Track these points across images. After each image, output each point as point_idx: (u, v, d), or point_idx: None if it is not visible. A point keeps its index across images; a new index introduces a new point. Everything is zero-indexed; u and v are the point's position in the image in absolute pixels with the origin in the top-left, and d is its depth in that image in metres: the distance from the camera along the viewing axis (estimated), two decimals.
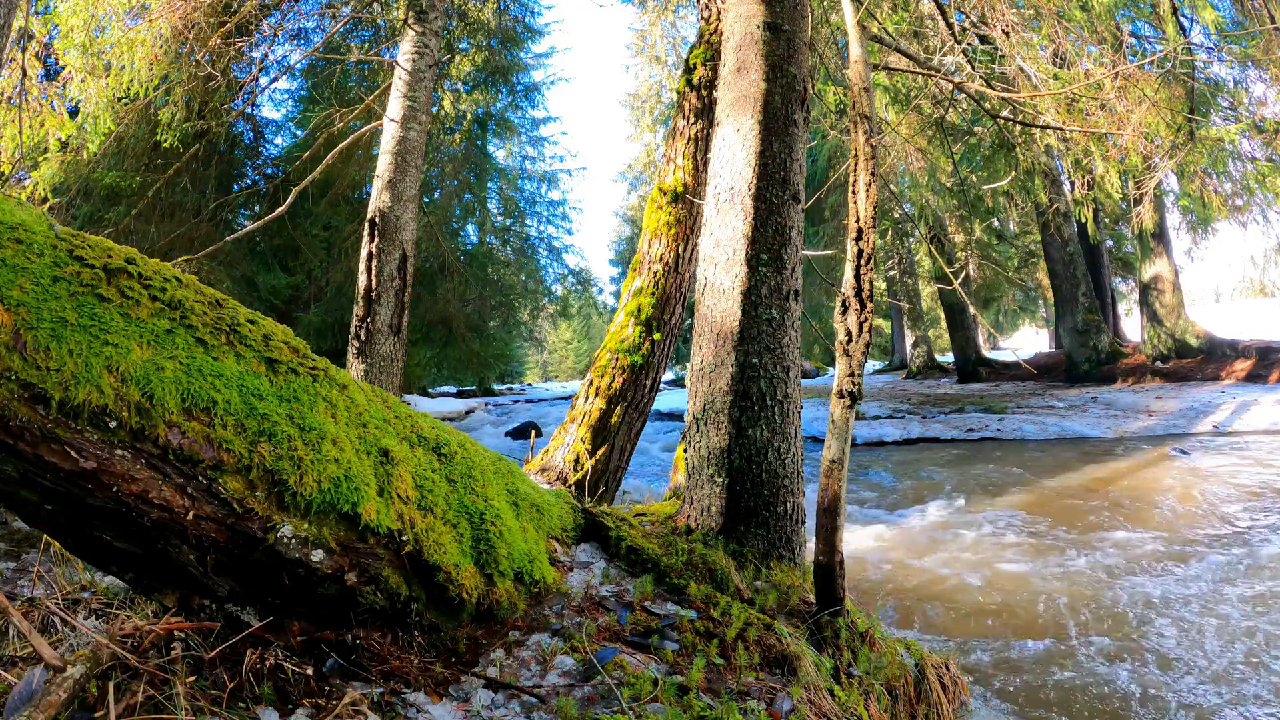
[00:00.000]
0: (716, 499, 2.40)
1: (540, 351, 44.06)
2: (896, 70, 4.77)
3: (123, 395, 1.12)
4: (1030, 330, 32.05)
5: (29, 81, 4.98)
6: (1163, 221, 12.77)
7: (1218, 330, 13.89)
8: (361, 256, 4.66)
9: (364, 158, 12.43)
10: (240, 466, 1.25)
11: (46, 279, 1.11)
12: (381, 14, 8.16)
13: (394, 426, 1.63)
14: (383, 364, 4.58)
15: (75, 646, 1.38)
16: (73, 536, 1.24)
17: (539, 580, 1.81)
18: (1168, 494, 5.29)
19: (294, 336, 1.50)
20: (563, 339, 48.72)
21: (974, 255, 15.47)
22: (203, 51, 5.15)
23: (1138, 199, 6.87)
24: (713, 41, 4.04)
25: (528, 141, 21.57)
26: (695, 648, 1.70)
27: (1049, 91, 4.32)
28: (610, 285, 34.40)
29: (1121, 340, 15.23)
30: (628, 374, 3.75)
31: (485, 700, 1.41)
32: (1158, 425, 8.68)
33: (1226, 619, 3.01)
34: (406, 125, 4.90)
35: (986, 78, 4.74)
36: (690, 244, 3.88)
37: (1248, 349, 12.22)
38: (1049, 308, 19.35)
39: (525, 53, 18.07)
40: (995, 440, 8.68)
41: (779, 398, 2.43)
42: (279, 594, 1.38)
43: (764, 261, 2.47)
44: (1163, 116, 4.61)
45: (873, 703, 1.80)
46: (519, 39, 16.94)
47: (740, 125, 2.57)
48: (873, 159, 2.07)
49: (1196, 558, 3.84)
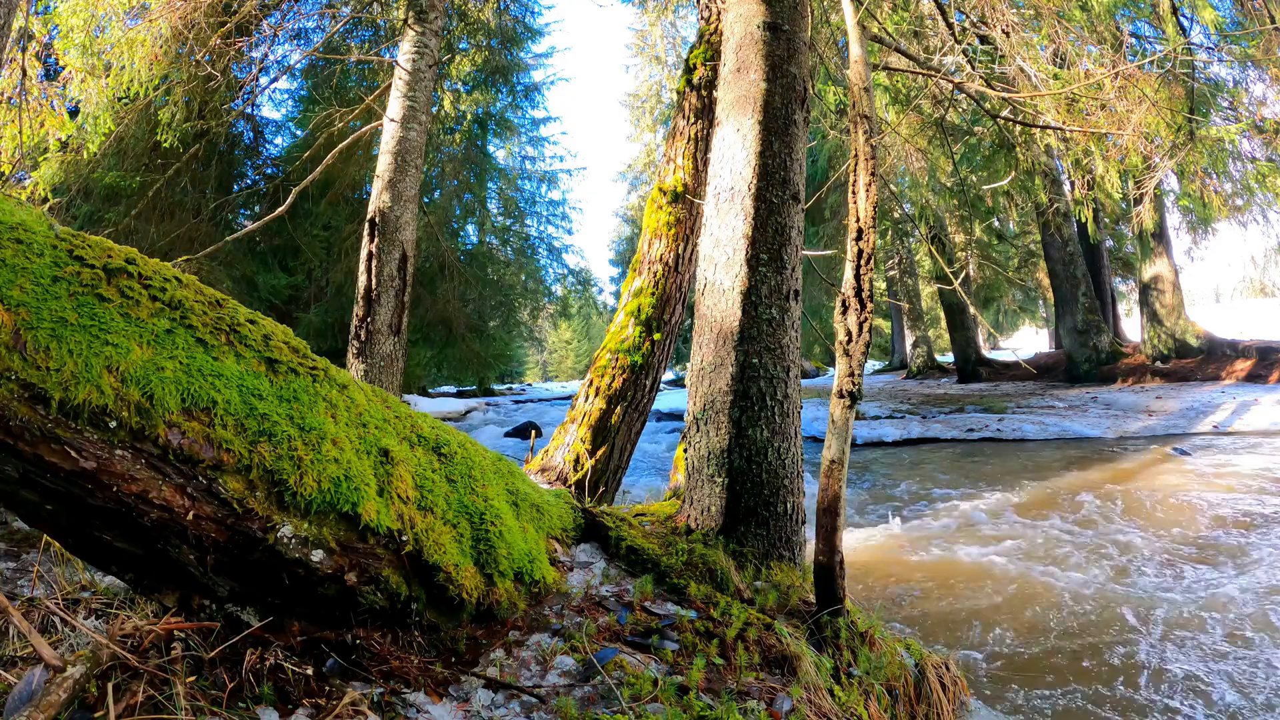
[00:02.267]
0: (716, 499, 2.40)
1: (540, 351, 44.06)
2: (896, 70, 4.77)
3: (123, 395, 1.12)
4: (1030, 330, 32.06)
5: (29, 81, 4.98)
6: (1163, 221, 12.76)
7: (1218, 330, 13.90)
8: (361, 256, 4.66)
9: (364, 158, 12.44)
10: (240, 466, 1.25)
11: (46, 279, 1.11)
12: (381, 14, 8.16)
13: (394, 426, 1.63)
14: (383, 364, 4.58)
15: (75, 646, 1.38)
16: (73, 536, 1.24)
17: (539, 580, 1.81)
18: (1168, 494, 5.29)
19: (294, 336, 1.50)
20: (563, 339, 48.72)
21: (974, 255, 15.47)
22: (203, 51, 5.15)
23: (1138, 199, 6.87)
24: (713, 41, 4.04)
25: (528, 141, 21.58)
26: (695, 648, 1.70)
27: (1049, 91, 4.32)
28: (610, 285, 34.41)
29: (1121, 340, 15.23)
30: (628, 374, 3.75)
31: (485, 700, 1.41)
32: (1158, 425, 8.68)
33: (1227, 619, 3.01)
34: (406, 125, 4.90)
35: (986, 78, 4.74)
36: (690, 244, 3.88)
37: (1248, 349, 12.22)
38: (1049, 308, 19.35)
39: (525, 53, 18.06)
40: (995, 440, 8.68)
41: (779, 398, 2.43)
42: (279, 594, 1.38)
43: (764, 261, 2.47)
44: (1163, 116, 4.61)
45: (873, 703, 1.80)
46: (519, 39, 16.94)
47: (740, 125, 2.57)
48: (873, 159, 2.07)
49: (1197, 557, 3.85)
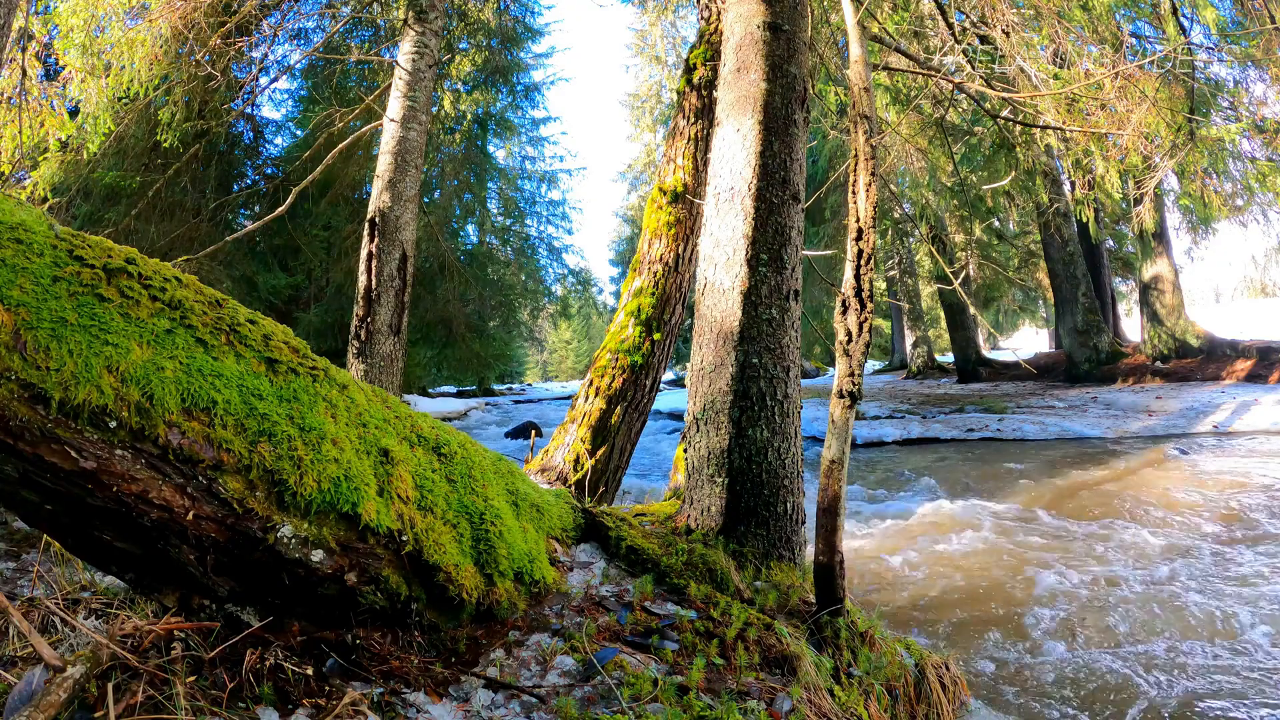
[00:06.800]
0: (716, 499, 2.40)
1: (540, 351, 44.06)
2: (897, 70, 4.77)
3: (123, 395, 1.12)
4: (1030, 330, 32.03)
5: (29, 81, 4.98)
6: (1163, 221, 12.76)
7: (1218, 330, 13.89)
8: (361, 256, 4.66)
9: (364, 158, 12.44)
10: (240, 466, 1.25)
11: (46, 279, 1.11)
12: (381, 14, 8.15)
13: (394, 426, 1.63)
14: (383, 364, 4.59)
15: (75, 646, 1.38)
16: (73, 536, 1.24)
17: (539, 580, 1.81)
18: (1169, 493, 5.29)
19: (294, 336, 1.50)
20: (563, 339, 48.73)
21: (974, 255, 15.46)
22: (203, 51, 5.15)
23: (1138, 199, 6.87)
24: (713, 41, 4.04)
25: (528, 141, 21.59)
26: (695, 648, 1.70)
27: (1049, 91, 4.31)
28: (610, 285, 34.40)
29: (1121, 340, 15.23)
30: (628, 374, 3.75)
31: (485, 700, 1.41)
32: (1158, 425, 8.68)
33: (1228, 617, 3.01)
34: (406, 125, 4.90)
35: (986, 78, 4.73)
36: (690, 244, 3.88)
37: (1248, 349, 12.22)
38: (1049, 308, 19.33)
39: (525, 53, 18.08)
40: (995, 440, 8.68)
41: (779, 398, 2.43)
42: (279, 594, 1.38)
43: (764, 261, 2.47)
44: (1163, 116, 4.61)
45: (873, 703, 1.80)
46: (519, 39, 16.95)
47: (740, 125, 2.57)
48: (873, 159, 2.07)
49: (1198, 557, 3.85)
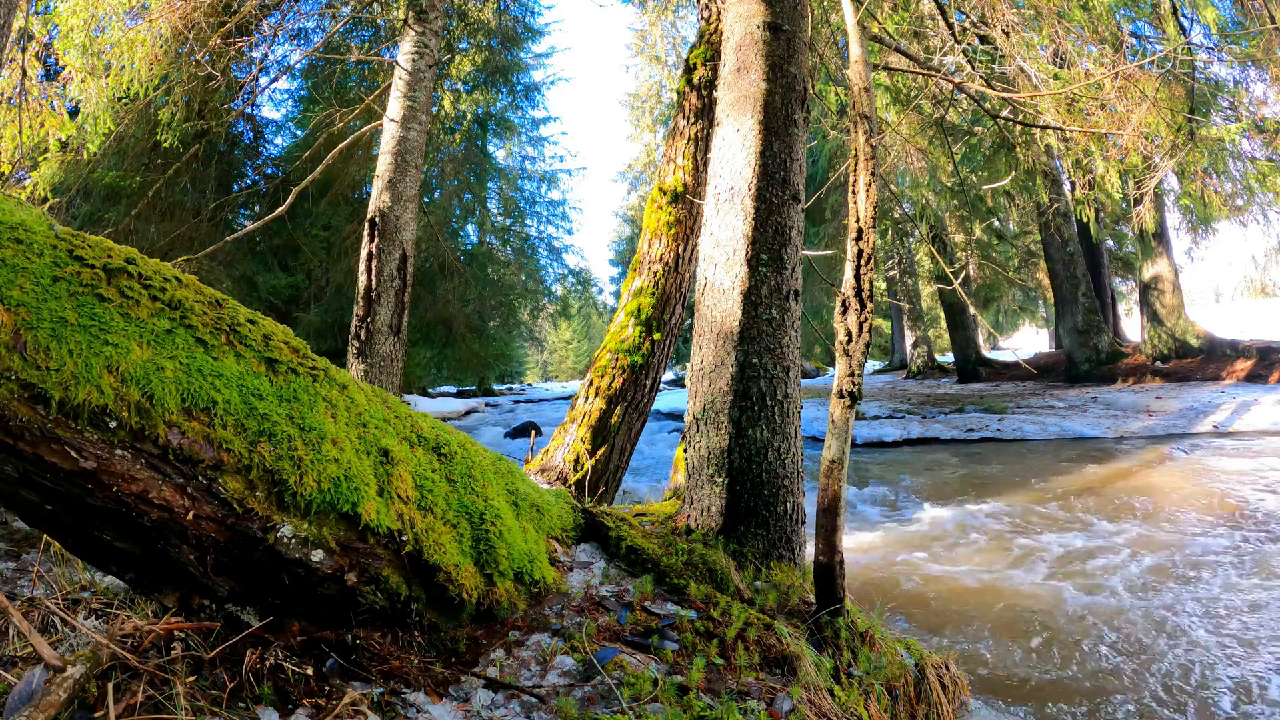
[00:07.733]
0: (716, 499, 2.40)
1: (540, 351, 44.05)
2: (897, 70, 4.77)
3: (123, 395, 1.12)
4: (1030, 330, 32.02)
5: (29, 81, 4.98)
6: (1163, 221, 12.75)
7: (1218, 330, 13.89)
8: (361, 256, 4.66)
9: (364, 158, 12.44)
10: (240, 466, 1.25)
11: (46, 279, 1.11)
12: (381, 14, 8.16)
13: (394, 426, 1.63)
14: (383, 364, 4.59)
15: (75, 646, 1.38)
16: (73, 536, 1.24)
17: (539, 580, 1.81)
18: (1169, 493, 5.29)
19: (294, 336, 1.50)
20: (563, 339, 48.72)
21: (974, 255, 15.45)
22: (203, 51, 5.15)
23: (1138, 199, 6.87)
24: (713, 41, 4.04)
25: (528, 141, 21.57)
26: (695, 648, 1.70)
27: (1049, 91, 4.31)
28: (610, 285, 34.37)
29: (1121, 340, 15.22)
30: (628, 374, 3.75)
31: (485, 700, 1.41)
32: (1158, 425, 8.67)
33: (1229, 617, 3.01)
34: (406, 125, 4.90)
35: (986, 78, 4.73)
36: (690, 244, 3.88)
37: (1248, 349, 12.22)
38: (1049, 308, 19.33)
39: (525, 53, 18.06)
40: (995, 440, 8.68)
41: (779, 398, 2.43)
42: (279, 594, 1.38)
43: (764, 261, 2.47)
44: (1163, 116, 4.61)
45: (873, 703, 1.80)
46: (519, 39, 16.94)
47: (740, 125, 2.57)
48: (873, 159, 2.07)
49: (1198, 556, 3.84)
